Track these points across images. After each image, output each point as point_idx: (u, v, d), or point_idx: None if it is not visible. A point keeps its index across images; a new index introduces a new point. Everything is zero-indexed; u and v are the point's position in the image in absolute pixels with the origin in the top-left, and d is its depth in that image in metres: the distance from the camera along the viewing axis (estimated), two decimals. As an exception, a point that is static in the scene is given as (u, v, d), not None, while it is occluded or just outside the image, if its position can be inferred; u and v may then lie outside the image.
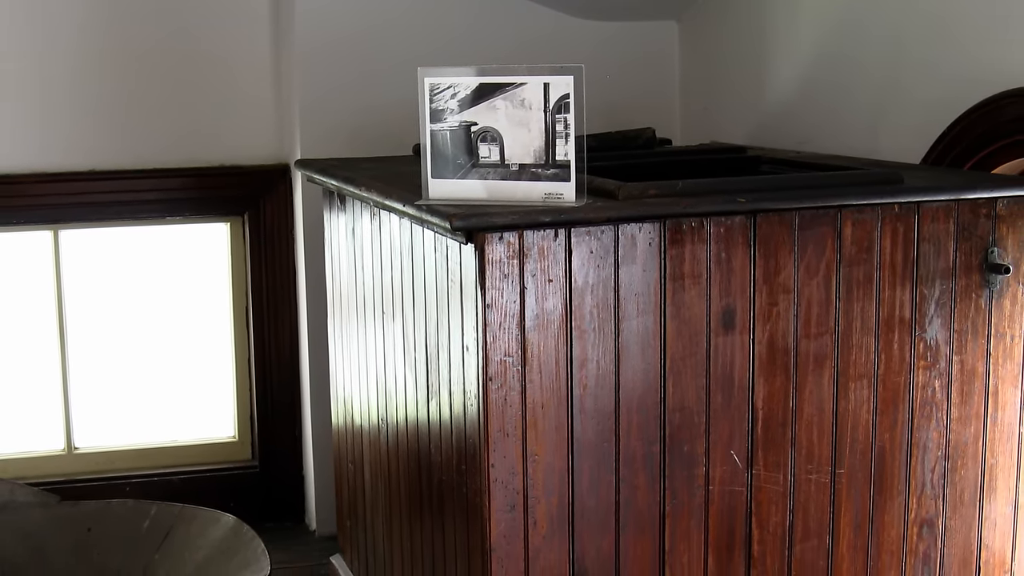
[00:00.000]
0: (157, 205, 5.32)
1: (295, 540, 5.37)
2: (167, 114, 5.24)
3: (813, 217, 3.22)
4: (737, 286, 3.19)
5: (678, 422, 3.19)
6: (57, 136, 5.14)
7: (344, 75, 5.10)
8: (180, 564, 4.06)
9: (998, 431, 3.50)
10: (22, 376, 5.37)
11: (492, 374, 3.01)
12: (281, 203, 5.36)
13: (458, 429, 3.24)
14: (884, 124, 4.23)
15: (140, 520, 4.22)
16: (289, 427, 5.52)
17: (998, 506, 3.53)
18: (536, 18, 5.27)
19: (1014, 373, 3.48)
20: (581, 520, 3.14)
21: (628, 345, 3.11)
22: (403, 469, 3.78)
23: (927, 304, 3.36)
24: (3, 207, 5.14)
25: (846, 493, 3.37)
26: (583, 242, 3.04)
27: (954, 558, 3.51)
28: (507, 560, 3.09)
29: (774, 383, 3.26)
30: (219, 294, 5.51)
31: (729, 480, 3.26)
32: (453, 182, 3.14)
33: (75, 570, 4.17)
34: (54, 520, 4.25)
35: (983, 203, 3.37)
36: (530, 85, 3.05)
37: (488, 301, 2.98)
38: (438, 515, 3.49)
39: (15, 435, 5.37)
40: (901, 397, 3.38)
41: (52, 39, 5.08)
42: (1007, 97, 3.71)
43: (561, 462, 3.10)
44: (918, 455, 3.42)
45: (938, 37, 4.00)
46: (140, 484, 5.36)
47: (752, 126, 4.91)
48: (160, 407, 5.54)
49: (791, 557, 3.35)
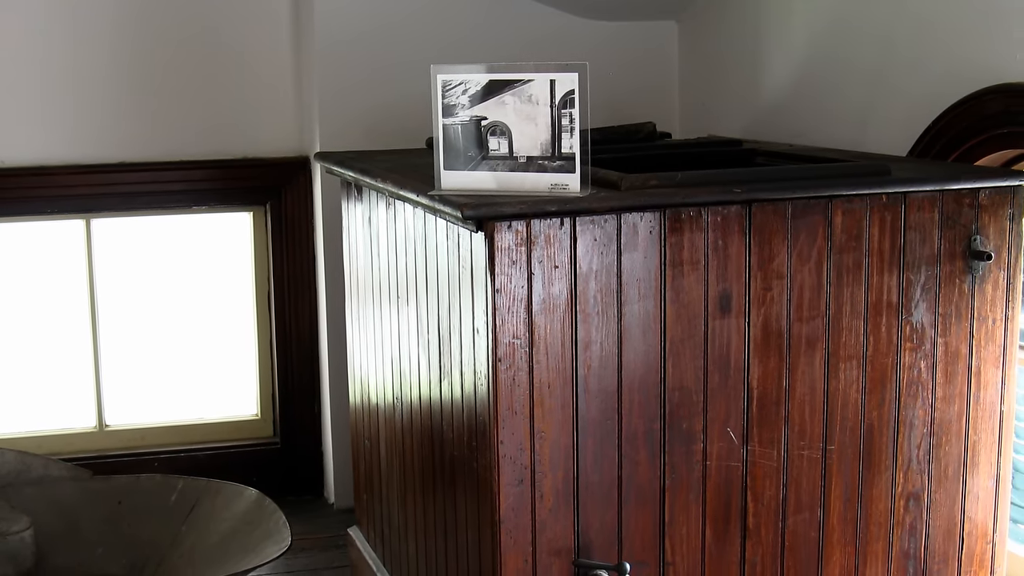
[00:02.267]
0: (184, 195, 5.32)
1: (314, 512, 5.38)
2: (193, 109, 5.24)
3: (805, 207, 3.22)
4: (733, 272, 3.19)
5: (677, 401, 3.19)
6: (89, 130, 5.14)
7: (360, 72, 5.10)
8: (206, 535, 4.07)
9: (980, 409, 3.50)
10: (56, 357, 5.38)
11: (501, 355, 3.01)
12: (301, 193, 5.36)
13: (469, 407, 3.24)
14: (872, 118, 4.23)
15: (168, 493, 4.23)
16: (309, 406, 5.52)
17: (980, 480, 3.53)
18: (543, 18, 5.27)
19: (995, 355, 3.48)
20: (585, 494, 3.14)
21: (630, 328, 3.12)
22: (417, 445, 3.78)
23: (913, 289, 3.35)
24: (38, 197, 5.15)
25: (836, 468, 3.37)
26: (587, 230, 3.04)
27: (939, 529, 3.51)
28: (515, 532, 3.09)
29: (768, 364, 3.26)
30: (242, 280, 5.51)
31: (726, 456, 3.26)
32: (464, 173, 3.14)
33: (107, 540, 4.18)
34: (87, 493, 4.26)
35: (966, 193, 3.37)
36: (537, 82, 3.05)
37: (497, 286, 2.98)
38: (450, 489, 3.49)
39: (50, 413, 5.38)
40: (888, 377, 3.38)
41: (85, 39, 5.08)
42: (989, 93, 3.70)
43: (567, 439, 3.10)
44: (905, 432, 3.42)
45: (924, 37, 3.99)
46: (168, 459, 5.37)
47: (747, 120, 4.90)
48: (187, 387, 5.54)
49: (784, 529, 3.36)
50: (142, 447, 5.41)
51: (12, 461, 4.32)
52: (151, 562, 4.09)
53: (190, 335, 5.52)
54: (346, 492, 5.31)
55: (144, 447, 5.41)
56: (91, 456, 5.25)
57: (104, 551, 4.15)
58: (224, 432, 5.54)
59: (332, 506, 5.46)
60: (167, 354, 5.50)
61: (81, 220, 5.26)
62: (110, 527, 4.19)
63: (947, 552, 3.54)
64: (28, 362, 5.37)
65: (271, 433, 5.58)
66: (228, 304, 5.54)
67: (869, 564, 3.46)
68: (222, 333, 5.56)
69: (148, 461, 5.33)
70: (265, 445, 5.54)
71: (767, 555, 3.35)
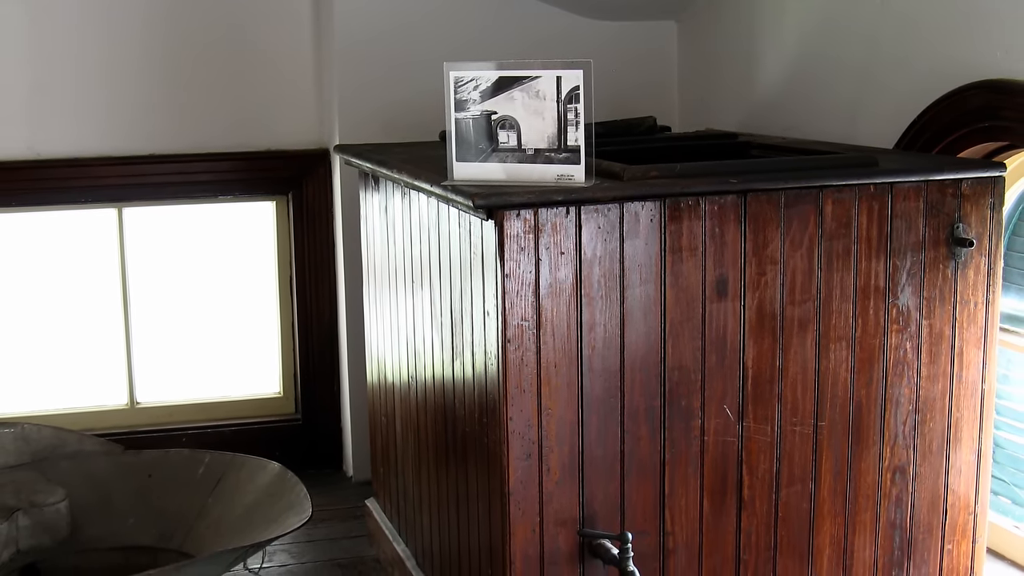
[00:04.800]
0: (210, 186, 5.32)
1: (334, 485, 5.38)
2: (220, 104, 5.24)
3: (797, 196, 3.22)
4: (729, 258, 3.19)
5: (676, 380, 3.19)
6: (121, 124, 5.14)
7: (378, 69, 5.09)
8: (231, 507, 4.07)
9: (963, 388, 3.50)
10: (90, 339, 5.38)
11: (510, 337, 3.02)
12: (321, 184, 5.35)
13: (480, 386, 3.24)
14: (861, 113, 4.22)
15: (195, 467, 4.23)
16: (328, 384, 5.52)
17: (963, 454, 3.53)
18: (550, 18, 5.26)
19: (977, 336, 3.48)
20: (590, 467, 3.15)
21: (632, 311, 3.12)
22: (430, 422, 3.78)
23: (899, 274, 3.35)
24: (73, 187, 5.15)
25: (827, 443, 3.37)
26: (592, 219, 3.04)
27: (923, 501, 3.52)
28: (524, 503, 3.10)
29: (762, 345, 3.26)
30: (266, 265, 5.51)
31: (722, 432, 3.27)
32: (475, 165, 3.14)
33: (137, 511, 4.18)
34: (119, 467, 4.26)
35: (950, 184, 3.37)
36: (544, 78, 3.05)
37: (507, 271, 2.99)
38: (462, 463, 3.49)
39: (84, 392, 5.39)
40: (876, 357, 3.38)
41: (118, 38, 5.08)
42: (971, 89, 3.70)
43: (572, 416, 3.10)
44: (891, 409, 3.42)
45: (909, 36, 3.98)
46: (195, 435, 5.37)
47: (743, 115, 4.90)
48: (213, 366, 5.54)
49: (778, 500, 3.36)
50: (171, 423, 5.42)
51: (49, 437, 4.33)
52: (179, 532, 4.10)
53: (216, 317, 5.52)
54: (364, 466, 5.31)
55: (173, 423, 5.42)
56: (123, 432, 5.25)
57: (135, 521, 4.15)
58: (248, 409, 5.55)
59: (350, 479, 5.46)
60: (195, 335, 5.50)
61: (113, 209, 5.26)
62: (141, 499, 4.20)
63: (931, 522, 3.54)
64: (64, 344, 5.37)
65: (293, 410, 5.58)
66: (252, 288, 5.54)
67: (857, 533, 3.46)
68: (247, 315, 5.56)
69: (176, 437, 5.34)
70: (287, 421, 5.54)
71: (761, 525, 3.36)
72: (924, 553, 3.55)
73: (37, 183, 5.10)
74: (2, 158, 5.05)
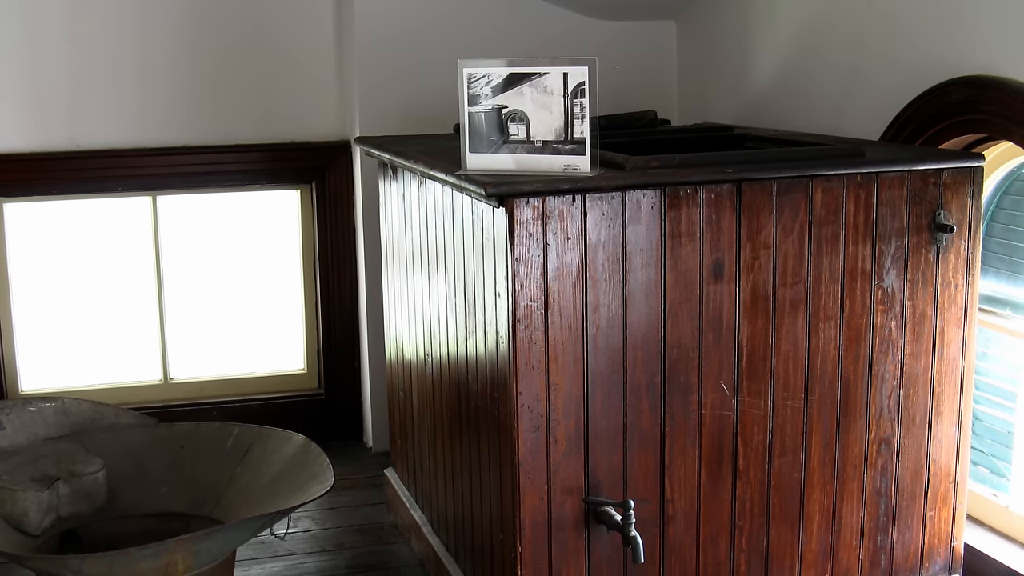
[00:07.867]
0: (239, 175, 5.32)
1: (355, 456, 5.38)
2: (248, 99, 5.24)
3: (789, 185, 3.22)
4: (725, 243, 3.18)
5: (676, 357, 3.19)
6: (155, 117, 5.14)
7: (396, 66, 5.09)
8: (258, 476, 4.07)
9: (944, 364, 3.50)
10: (126, 319, 5.39)
11: (520, 317, 3.02)
12: (343, 173, 5.35)
13: (491, 363, 3.24)
14: (848, 107, 4.21)
15: (225, 439, 4.23)
16: (350, 361, 5.52)
17: (944, 427, 3.53)
18: (557, 18, 5.25)
19: (957, 316, 3.48)
20: (594, 439, 3.15)
21: (634, 292, 3.12)
22: (445, 396, 3.78)
23: (884, 258, 3.35)
24: (110, 176, 5.15)
25: (816, 416, 3.37)
26: (596, 206, 3.04)
27: (907, 471, 3.52)
28: (532, 472, 3.10)
29: (756, 324, 3.26)
30: (291, 250, 5.51)
31: (719, 406, 3.27)
32: (487, 155, 3.14)
33: (170, 481, 4.18)
34: (152, 439, 4.26)
35: (932, 173, 3.36)
36: (552, 74, 3.05)
37: (516, 255, 2.98)
38: (474, 435, 3.50)
39: (120, 368, 5.40)
40: (863, 336, 3.38)
41: (153, 37, 5.08)
42: (952, 84, 3.69)
43: (577, 391, 3.10)
44: (877, 384, 3.42)
45: (894, 35, 3.98)
46: (225, 409, 5.38)
47: (738, 109, 4.89)
48: (241, 344, 5.55)
49: (771, 470, 3.36)
50: (202, 398, 5.42)
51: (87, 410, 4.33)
52: (210, 499, 4.10)
53: (244, 299, 5.52)
54: (383, 438, 5.32)
55: (204, 398, 5.42)
56: (157, 406, 5.27)
57: (168, 490, 4.15)
58: (274, 385, 5.55)
59: (370, 450, 5.47)
60: (224, 316, 5.50)
61: (148, 197, 5.27)
62: (173, 468, 4.20)
63: (914, 490, 3.54)
64: (101, 324, 5.38)
65: (316, 386, 5.59)
66: (278, 271, 5.54)
67: (845, 501, 3.46)
68: (273, 297, 5.56)
69: (207, 410, 5.35)
70: (311, 396, 5.55)
71: (755, 493, 3.36)
72: (908, 519, 3.55)
73: (77, 173, 5.11)
74: (45, 149, 5.06)
